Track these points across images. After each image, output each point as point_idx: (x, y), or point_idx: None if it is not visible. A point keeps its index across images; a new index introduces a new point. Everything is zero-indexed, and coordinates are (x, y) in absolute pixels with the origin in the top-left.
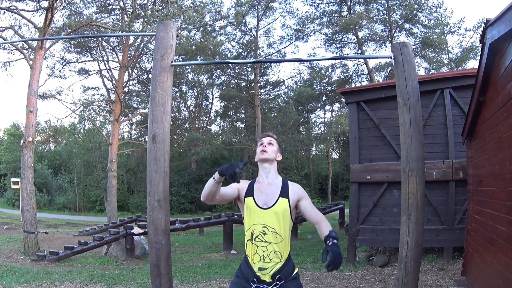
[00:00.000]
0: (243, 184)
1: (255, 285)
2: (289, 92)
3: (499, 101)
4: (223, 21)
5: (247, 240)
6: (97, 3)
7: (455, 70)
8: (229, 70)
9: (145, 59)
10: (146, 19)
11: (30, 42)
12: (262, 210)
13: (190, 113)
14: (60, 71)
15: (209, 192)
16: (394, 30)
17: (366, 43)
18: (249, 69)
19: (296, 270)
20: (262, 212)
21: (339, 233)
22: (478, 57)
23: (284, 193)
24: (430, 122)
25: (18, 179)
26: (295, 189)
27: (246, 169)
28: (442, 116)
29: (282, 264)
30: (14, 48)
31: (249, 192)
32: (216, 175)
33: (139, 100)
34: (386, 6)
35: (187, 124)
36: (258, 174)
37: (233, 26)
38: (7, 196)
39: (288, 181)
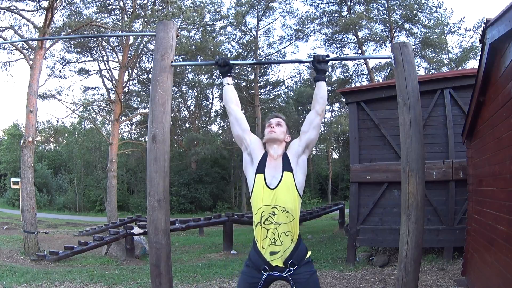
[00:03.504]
0: (257, 142)
1: (267, 273)
2: (289, 92)
3: (499, 101)
4: (223, 21)
5: (257, 223)
6: (97, 3)
7: (455, 70)
8: None
9: (145, 59)
10: (146, 19)
11: (30, 42)
12: (270, 190)
13: (190, 113)
14: (60, 71)
15: (228, 96)
16: (394, 30)
17: (366, 43)
18: (249, 69)
19: (309, 253)
20: (270, 192)
21: (339, 233)
22: (478, 57)
23: (287, 165)
24: (430, 122)
25: (18, 179)
26: (291, 148)
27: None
28: (442, 116)
29: (294, 246)
30: (14, 48)
31: (261, 167)
32: (224, 80)
33: (139, 100)
34: (386, 6)
35: (187, 124)
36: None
37: (233, 26)
38: (7, 196)
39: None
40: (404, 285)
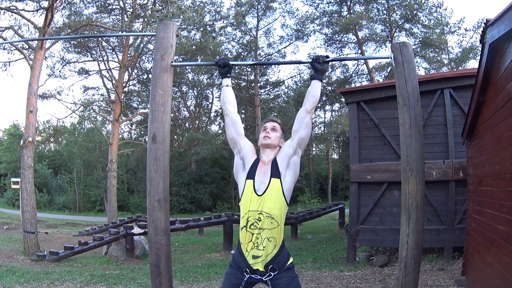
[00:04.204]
0: (250, 148)
1: (248, 275)
2: (289, 92)
3: (499, 101)
4: (223, 21)
5: (242, 227)
6: (97, 3)
7: (455, 70)
8: None
9: (145, 59)
10: (146, 19)
11: (30, 42)
12: (257, 196)
13: (190, 113)
14: (60, 71)
15: (226, 97)
16: (394, 30)
17: (366, 43)
18: (249, 69)
19: (291, 260)
20: (257, 199)
21: (339, 233)
22: (478, 57)
23: (275, 171)
24: (430, 122)
25: (18, 179)
26: (281, 151)
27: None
28: (442, 116)
29: (276, 252)
30: (14, 48)
31: (251, 172)
32: (223, 81)
33: (139, 100)
34: (386, 6)
35: (187, 124)
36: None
37: (233, 26)
38: (7, 196)
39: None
40: (404, 285)
